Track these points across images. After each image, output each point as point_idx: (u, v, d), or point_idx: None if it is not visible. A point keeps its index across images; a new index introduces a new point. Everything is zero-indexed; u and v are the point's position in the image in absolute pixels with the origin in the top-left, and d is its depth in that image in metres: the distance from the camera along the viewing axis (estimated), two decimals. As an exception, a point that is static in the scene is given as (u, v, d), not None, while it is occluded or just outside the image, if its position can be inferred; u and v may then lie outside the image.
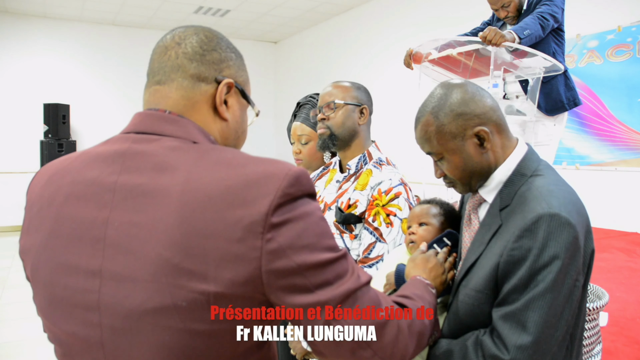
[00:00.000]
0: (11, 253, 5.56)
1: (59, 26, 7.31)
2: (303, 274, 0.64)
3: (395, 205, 1.44)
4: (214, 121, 0.77)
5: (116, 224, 0.66)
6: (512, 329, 0.86)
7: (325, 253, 0.67)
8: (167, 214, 0.63)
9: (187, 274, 0.62)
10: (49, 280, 0.70)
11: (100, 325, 0.66)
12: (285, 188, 0.64)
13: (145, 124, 0.73)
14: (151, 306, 0.62)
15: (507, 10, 2.51)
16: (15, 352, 3.07)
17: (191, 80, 0.75)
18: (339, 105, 1.52)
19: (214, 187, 0.64)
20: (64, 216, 0.69)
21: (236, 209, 0.63)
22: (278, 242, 0.63)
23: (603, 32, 4.04)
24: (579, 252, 0.87)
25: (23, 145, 7.10)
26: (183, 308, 0.62)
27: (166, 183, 0.65)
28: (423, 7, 5.67)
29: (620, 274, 2.71)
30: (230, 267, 0.62)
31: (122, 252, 0.65)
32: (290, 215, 0.64)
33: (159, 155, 0.68)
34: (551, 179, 0.96)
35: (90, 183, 0.69)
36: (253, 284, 0.63)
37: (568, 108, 2.56)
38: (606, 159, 4.04)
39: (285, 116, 8.23)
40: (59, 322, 0.70)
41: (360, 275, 0.71)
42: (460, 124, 0.98)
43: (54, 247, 0.69)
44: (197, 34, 0.77)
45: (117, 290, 0.64)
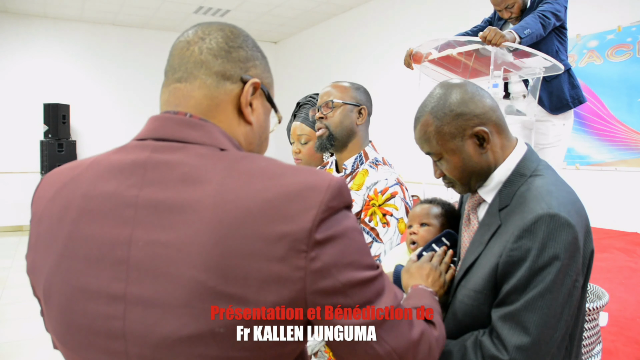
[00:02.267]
0: (11, 253, 5.55)
1: (59, 26, 7.31)
2: (346, 293, 0.61)
3: (392, 205, 1.44)
4: (238, 124, 0.72)
5: (140, 243, 0.60)
6: (512, 330, 0.86)
7: (367, 271, 0.64)
8: (200, 231, 0.58)
9: (225, 297, 0.57)
10: (65, 306, 0.63)
11: (127, 354, 0.60)
12: (328, 201, 0.60)
13: (165, 129, 0.67)
14: (186, 334, 0.57)
15: (510, 11, 2.49)
16: (16, 352, 3.06)
17: (215, 78, 0.69)
18: (337, 104, 1.52)
19: (250, 200, 0.58)
20: (79, 235, 0.63)
21: (277, 224, 0.57)
22: (322, 260, 0.59)
23: (603, 32, 4.04)
24: (578, 253, 0.87)
25: (23, 145, 7.09)
26: (221, 334, 0.57)
27: (196, 197, 0.59)
28: (423, 7, 5.67)
29: (620, 274, 2.72)
30: (272, 289, 0.57)
31: (149, 275, 0.59)
32: (333, 232, 0.60)
33: (185, 165, 0.62)
34: (551, 179, 0.96)
35: (107, 197, 0.63)
36: (296, 305, 0.59)
37: (572, 106, 2.54)
38: (606, 159, 4.04)
39: (285, 116, 8.22)
40: (78, 351, 0.64)
41: (396, 293, 0.69)
42: (459, 124, 0.98)
43: (69, 270, 0.63)
44: (222, 30, 0.72)
45: (145, 316, 0.59)
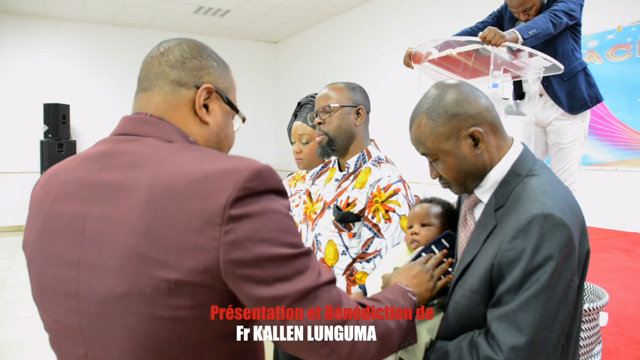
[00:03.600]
0: (11, 253, 5.55)
1: (59, 26, 7.31)
2: (261, 266, 0.67)
3: (394, 202, 1.45)
4: (194, 124, 0.82)
5: (93, 217, 0.71)
6: (507, 330, 0.85)
7: (284, 248, 0.69)
8: (135, 206, 0.68)
9: (150, 261, 0.66)
10: (39, 271, 0.77)
11: (79, 311, 0.71)
12: (244, 182, 0.67)
13: (128, 126, 0.79)
14: (119, 292, 0.67)
15: (528, 13, 2.42)
16: (16, 352, 3.07)
17: (172, 86, 0.80)
18: (334, 108, 1.52)
19: (177, 181, 0.68)
20: (53, 212, 0.76)
21: (196, 201, 0.66)
22: (236, 234, 0.66)
23: (603, 32, 4.04)
24: (573, 253, 0.87)
25: (23, 145, 7.10)
26: (147, 294, 0.66)
27: (137, 178, 0.70)
28: (423, 7, 5.67)
29: (620, 274, 2.71)
30: (189, 256, 0.65)
31: (96, 243, 0.70)
32: (250, 209, 0.67)
33: (134, 153, 0.74)
34: (546, 179, 0.96)
35: (75, 181, 0.76)
36: (211, 272, 0.66)
37: (591, 105, 2.49)
38: (606, 159, 4.04)
39: (285, 116, 8.23)
40: (47, 311, 0.77)
41: (322, 273, 0.73)
42: (454, 125, 0.98)
43: (44, 241, 0.76)
44: (180, 45, 0.83)
45: (92, 278, 0.70)
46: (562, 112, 2.51)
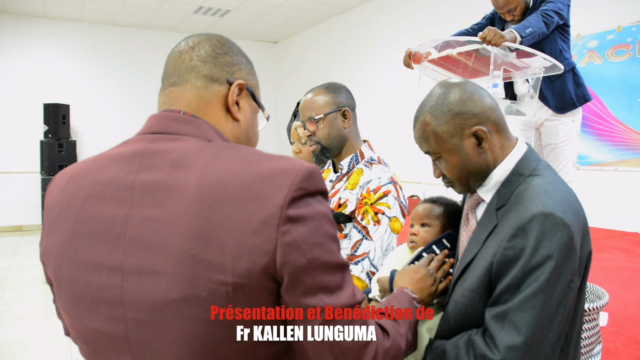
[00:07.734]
0: (11, 253, 5.55)
1: (59, 26, 7.31)
2: (311, 272, 0.66)
3: (384, 204, 1.44)
4: (226, 121, 0.80)
5: (136, 220, 0.68)
6: (504, 329, 0.85)
7: (332, 255, 0.68)
8: (185, 207, 0.65)
9: (205, 264, 0.63)
10: (71, 278, 0.72)
11: (125, 319, 0.68)
12: (299, 182, 0.66)
13: (161, 125, 0.76)
14: (173, 297, 0.64)
15: (513, 14, 2.47)
16: (16, 352, 3.06)
17: (204, 81, 0.78)
18: (319, 119, 1.53)
19: (229, 181, 0.66)
20: (85, 216, 0.71)
21: (251, 202, 0.64)
22: (293, 235, 0.64)
23: (603, 32, 4.03)
24: (574, 253, 0.86)
25: (23, 145, 7.09)
26: (204, 298, 0.63)
27: (183, 179, 0.67)
28: (424, 7, 5.67)
29: (620, 274, 2.71)
30: (246, 257, 0.63)
31: (142, 247, 0.66)
32: (305, 212, 0.66)
33: (175, 153, 0.71)
34: (548, 179, 0.95)
35: (108, 183, 0.72)
36: (268, 274, 0.64)
37: (578, 105, 2.52)
38: (606, 159, 4.04)
39: (285, 116, 8.22)
40: (83, 320, 0.72)
41: (356, 293, 0.72)
42: (458, 124, 0.98)
43: (75, 247, 0.71)
44: (210, 39, 0.82)
45: (139, 283, 0.66)
46: (552, 112, 2.54)
